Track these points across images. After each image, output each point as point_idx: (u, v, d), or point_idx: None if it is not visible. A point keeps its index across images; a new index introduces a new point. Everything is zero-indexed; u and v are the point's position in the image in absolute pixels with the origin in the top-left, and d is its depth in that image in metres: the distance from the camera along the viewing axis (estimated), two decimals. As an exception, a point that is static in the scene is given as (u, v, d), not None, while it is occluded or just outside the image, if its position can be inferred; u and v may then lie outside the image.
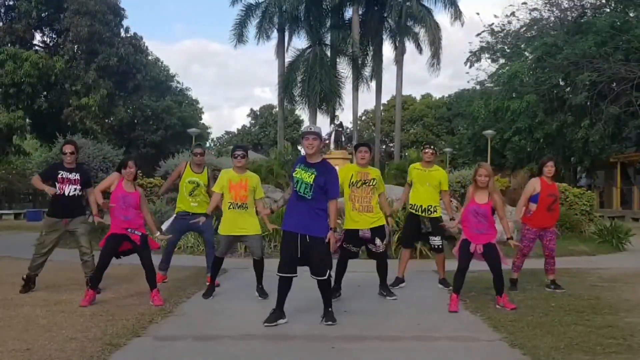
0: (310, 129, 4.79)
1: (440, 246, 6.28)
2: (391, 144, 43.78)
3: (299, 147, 46.73)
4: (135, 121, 35.91)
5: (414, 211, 6.29)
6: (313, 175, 4.63)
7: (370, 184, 5.63)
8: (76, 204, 6.01)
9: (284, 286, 4.68)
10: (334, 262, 5.27)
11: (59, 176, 5.90)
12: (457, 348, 4.09)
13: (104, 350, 3.88)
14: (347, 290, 5.83)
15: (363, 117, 49.25)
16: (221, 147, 52.45)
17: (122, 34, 25.87)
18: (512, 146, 26.58)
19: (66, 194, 5.89)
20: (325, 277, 4.65)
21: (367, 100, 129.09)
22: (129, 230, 5.37)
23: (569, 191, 12.55)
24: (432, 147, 6.39)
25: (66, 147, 6.04)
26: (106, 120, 28.25)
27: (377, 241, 5.56)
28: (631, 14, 22.32)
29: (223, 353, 3.94)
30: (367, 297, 5.78)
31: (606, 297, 5.77)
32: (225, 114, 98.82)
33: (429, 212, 6.20)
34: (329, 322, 4.63)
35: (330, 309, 4.72)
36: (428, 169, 6.28)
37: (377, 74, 27.91)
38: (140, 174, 10.34)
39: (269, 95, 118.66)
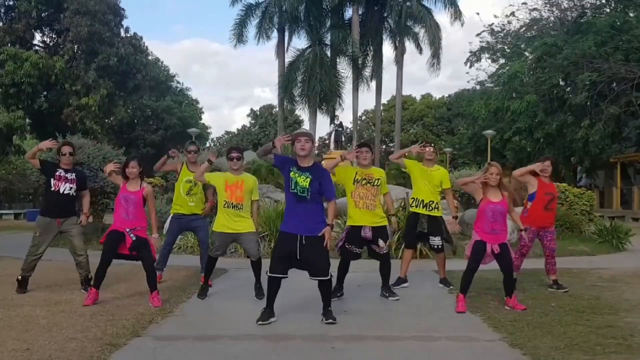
0: (303, 130, 4.79)
1: (440, 246, 6.27)
2: (391, 144, 43.78)
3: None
4: (135, 121, 35.95)
5: (414, 206, 6.28)
6: (308, 179, 4.64)
7: (375, 183, 5.63)
8: (69, 203, 6.01)
9: (275, 286, 4.68)
10: (334, 263, 5.27)
11: (57, 173, 5.90)
12: (457, 348, 4.10)
13: (104, 350, 3.89)
14: (347, 290, 5.83)
15: (363, 117, 49.24)
16: (221, 147, 52.43)
17: (122, 34, 25.83)
18: (512, 146, 26.58)
19: (61, 191, 5.88)
20: (328, 277, 4.64)
21: (367, 100, 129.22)
22: (128, 230, 5.36)
23: (569, 191, 12.54)
24: (432, 145, 6.43)
25: (65, 147, 6.02)
26: (106, 120, 28.22)
27: (380, 242, 5.55)
28: (631, 14, 22.29)
29: (223, 353, 3.94)
30: (367, 297, 5.78)
31: (606, 297, 5.77)
32: (225, 114, 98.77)
33: (430, 208, 6.19)
34: (329, 321, 4.62)
35: (329, 308, 4.72)
36: (429, 169, 6.30)
37: (377, 74, 27.90)
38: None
39: (269, 95, 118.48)
